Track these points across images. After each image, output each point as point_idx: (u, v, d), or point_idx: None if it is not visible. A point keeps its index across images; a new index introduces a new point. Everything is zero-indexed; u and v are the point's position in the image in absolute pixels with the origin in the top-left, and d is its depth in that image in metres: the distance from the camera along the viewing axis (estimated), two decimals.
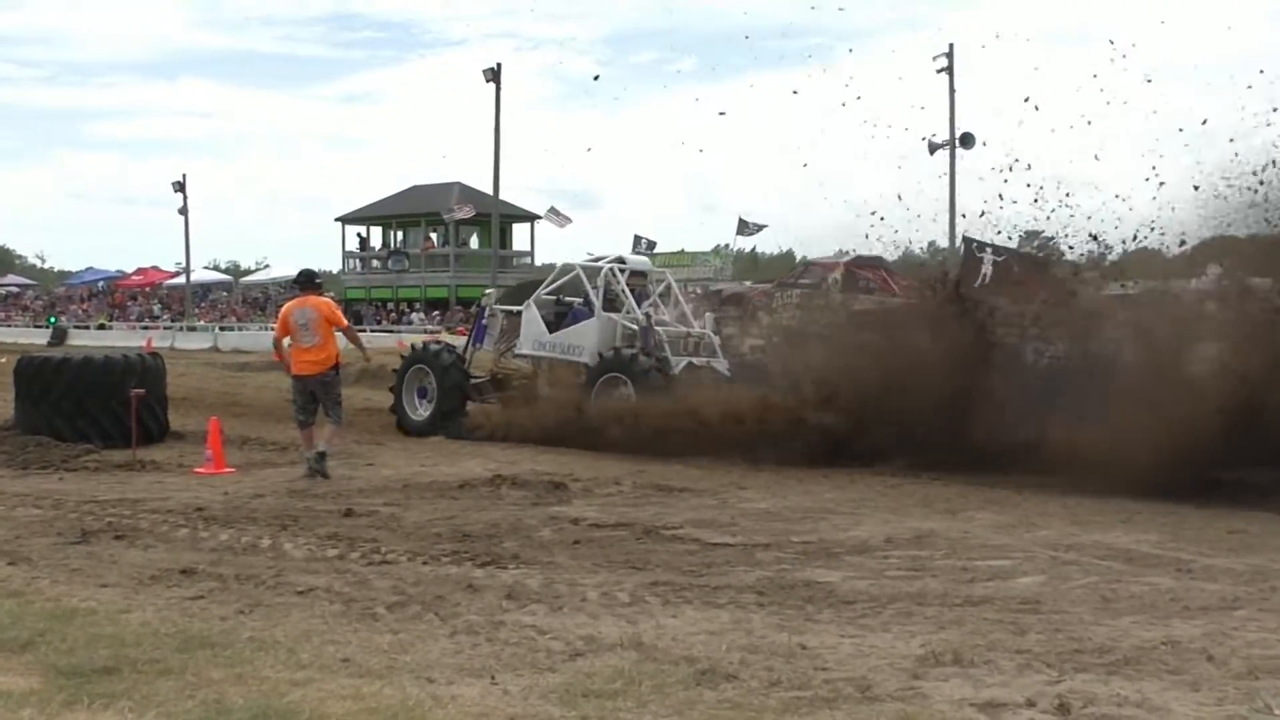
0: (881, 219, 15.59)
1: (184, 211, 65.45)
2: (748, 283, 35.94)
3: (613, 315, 17.42)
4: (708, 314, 20.34)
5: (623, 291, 17.75)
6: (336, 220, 68.15)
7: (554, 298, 18.62)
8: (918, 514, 10.73)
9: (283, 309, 13.57)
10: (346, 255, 67.26)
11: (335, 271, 68.93)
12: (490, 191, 53.23)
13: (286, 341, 13.10)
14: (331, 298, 16.96)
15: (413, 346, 19.45)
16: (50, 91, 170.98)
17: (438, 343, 19.64)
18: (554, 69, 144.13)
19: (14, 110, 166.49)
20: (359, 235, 67.26)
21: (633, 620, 6.72)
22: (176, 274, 72.41)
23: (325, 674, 5.62)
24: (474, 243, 64.44)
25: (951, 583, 7.79)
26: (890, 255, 15.21)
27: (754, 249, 63.07)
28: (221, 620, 6.62)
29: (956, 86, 46.34)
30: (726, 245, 51.98)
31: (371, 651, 6.01)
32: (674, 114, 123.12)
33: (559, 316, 18.27)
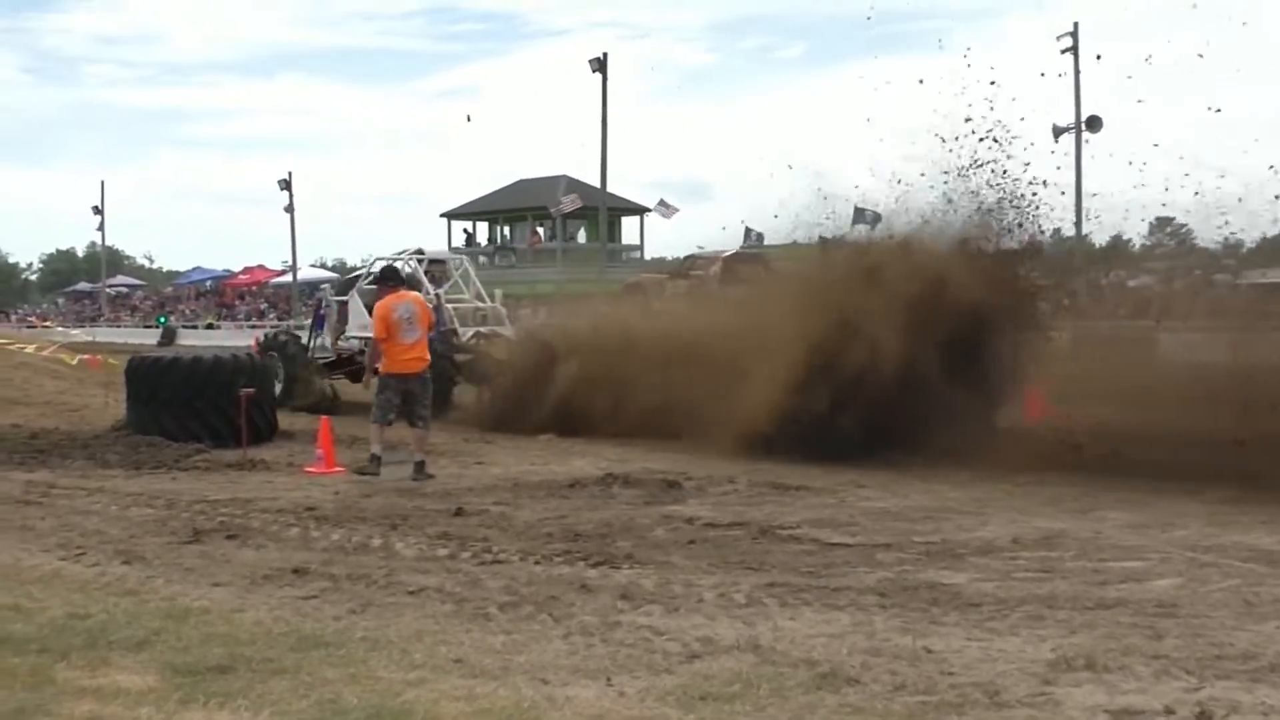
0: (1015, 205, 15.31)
1: (290, 209, 66.66)
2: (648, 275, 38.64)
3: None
4: (497, 290, 24.37)
5: (422, 277, 21.43)
6: (442, 216, 69.08)
7: (373, 287, 18.95)
8: (1045, 514, 10.56)
9: (380, 306, 13.20)
10: (453, 251, 68.09)
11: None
12: (598, 184, 53.43)
13: None
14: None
15: (264, 337, 23.47)
16: (151, 92, 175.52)
17: (285, 334, 24.06)
18: (661, 57, 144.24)
19: (117, 111, 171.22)
20: (465, 231, 68.06)
21: (750, 622, 6.72)
22: (283, 272, 73.78)
23: (438, 674, 5.70)
24: (582, 237, 64.83)
25: (1083, 585, 7.66)
26: (1012, 244, 14.95)
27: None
28: (334, 620, 6.74)
29: (1082, 68, 45.42)
30: (842, 236, 51.50)
31: (485, 652, 6.08)
32: (784, 102, 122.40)
33: None
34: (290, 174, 67.45)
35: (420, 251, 23.21)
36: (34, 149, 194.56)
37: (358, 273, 24.45)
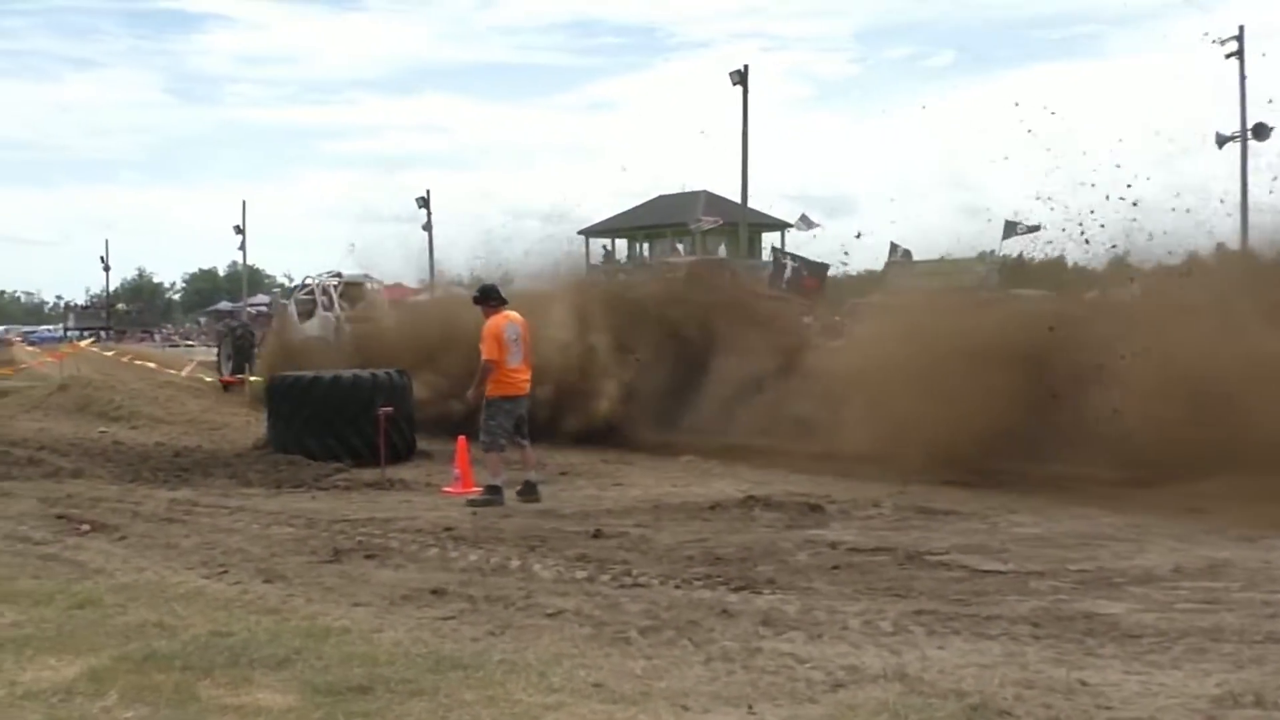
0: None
1: (428, 227, 67.69)
2: None
3: (330, 313, 26.15)
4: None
5: (335, 297, 26.37)
6: (580, 233, 69.47)
7: (309, 297, 27.11)
8: (1209, 541, 10.27)
9: (491, 326, 12.82)
10: (591, 269, 68.49)
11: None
12: (738, 199, 53.39)
13: None
14: None
15: (224, 326, 30.94)
16: (293, 111, 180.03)
17: (240, 326, 30.93)
18: (803, 68, 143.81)
19: (258, 130, 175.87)
20: (604, 248, 68.39)
21: (896, 650, 6.65)
22: (422, 290, 74.82)
23: (577, 699, 5.74)
24: (722, 253, 64.75)
25: (1251, 617, 7.43)
26: (1170, 259, 14.67)
27: (1021, 254, 61.39)
28: (472, 641, 6.83)
29: (1248, 72, 44.17)
30: (992, 251, 50.74)
31: (624, 677, 6.11)
32: (932, 112, 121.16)
33: (309, 312, 27.03)
34: (429, 191, 68.60)
35: (338, 274, 27.76)
36: (177, 169, 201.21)
37: (294, 285, 31.52)
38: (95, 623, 7.26)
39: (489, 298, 13.19)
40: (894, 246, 45.80)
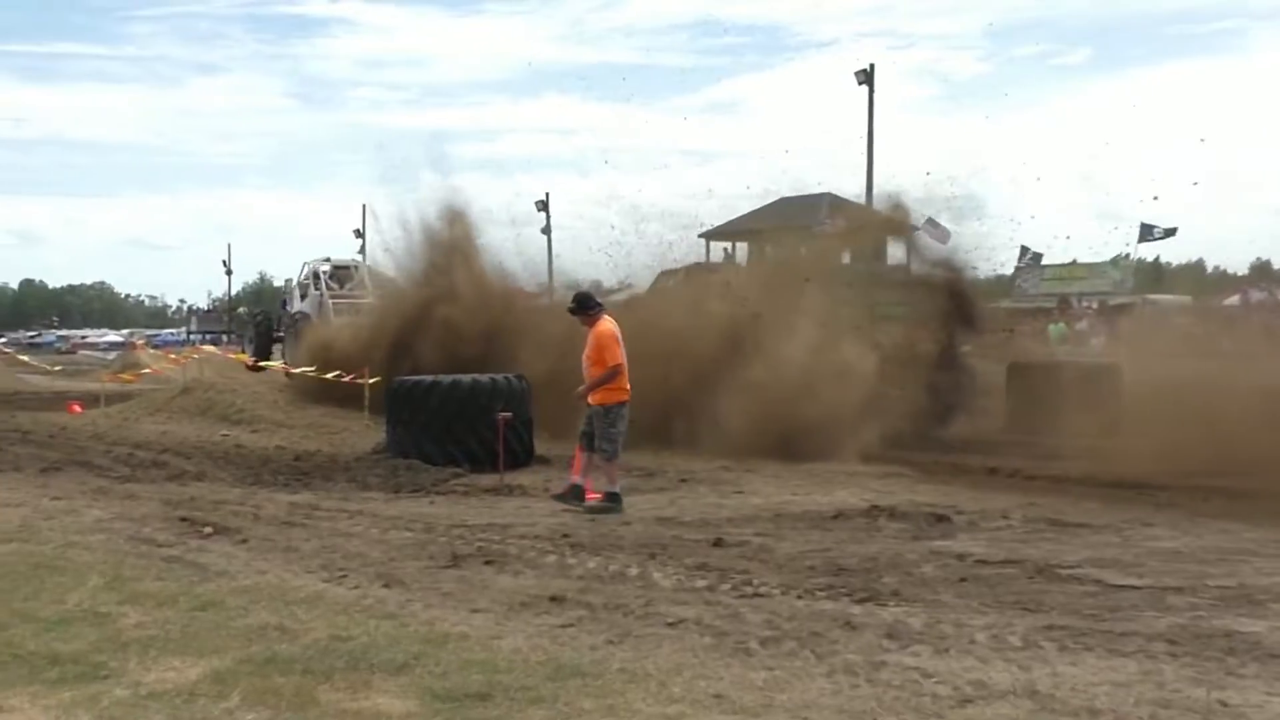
0: None
1: (547, 231, 68.11)
2: None
3: (317, 293, 31.36)
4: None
5: (326, 280, 31.75)
6: (700, 236, 69.38)
7: (307, 281, 32.43)
8: None
9: (610, 330, 12.84)
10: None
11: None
12: (863, 202, 53.00)
13: None
14: None
15: (247, 315, 34.51)
16: (415, 114, 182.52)
17: (260, 313, 35.58)
18: (931, 67, 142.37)
19: (382, 134, 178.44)
20: (725, 250, 68.27)
21: (1026, 666, 6.56)
22: (540, 294, 75.28)
23: (698, 709, 5.75)
24: (845, 257, 64.35)
25: None
26: None
27: (1158, 258, 60.14)
28: (591, 649, 6.87)
29: None
30: (1126, 255, 49.80)
31: (745, 688, 6.10)
32: (1064, 112, 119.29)
33: (304, 294, 32.62)
34: (548, 194, 69.01)
35: (328, 259, 33.48)
36: (298, 173, 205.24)
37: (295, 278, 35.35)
38: (218, 625, 7.43)
39: (590, 305, 13.16)
40: (1024, 250, 45.24)
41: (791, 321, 19.10)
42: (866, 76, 49.80)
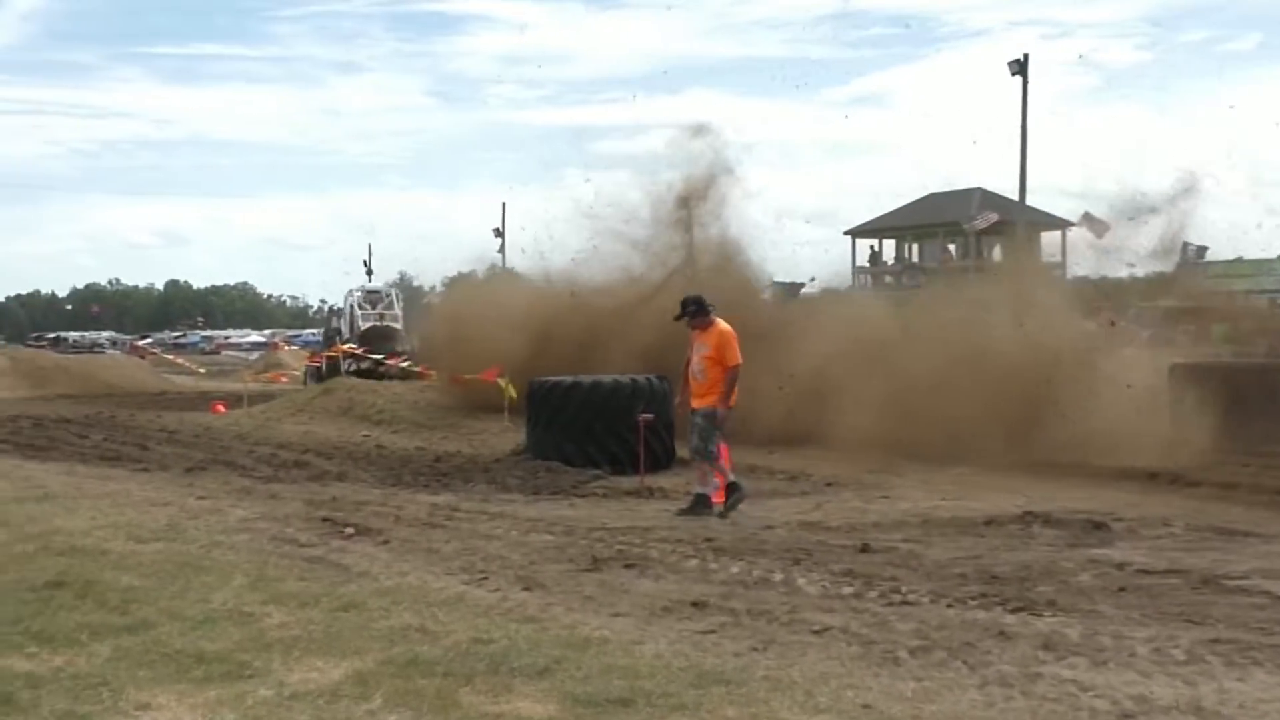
0: None
1: (688, 227, 68.05)
2: None
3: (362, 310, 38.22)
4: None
5: (359, 302, 38.82)
6: (845, 233, 69.04)
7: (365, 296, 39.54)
8: None
9: (732, 332, 12.93)
10: (857, 271, 67.93)
11: (844, 289, 69.63)
12: (1015, 197, 52.19)
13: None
14: None
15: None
16: (554, 111, 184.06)
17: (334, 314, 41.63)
18: (1088, 57, 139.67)
19: (520, 131, 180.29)
20: (871, 248, 67.79)
21: (1191, 681, 6.39)
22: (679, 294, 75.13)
23: None
24: (997, 254, 63.40)
25: None
26: None
27: None
28: (735, 656, 6.85)
29: None
30: None
31: (894, 699, 6.04)
32: (1234, 100, 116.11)
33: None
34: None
35: (364, 287, 41.02)
36: (438, 172, 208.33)
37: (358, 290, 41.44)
38: (360, 626, 7.56)
39: (704, 308, 13.04)
40: (1186, 245, 44.10)
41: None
42: (1020, 67, 49.02)
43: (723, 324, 12.92)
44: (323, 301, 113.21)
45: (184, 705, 6.05)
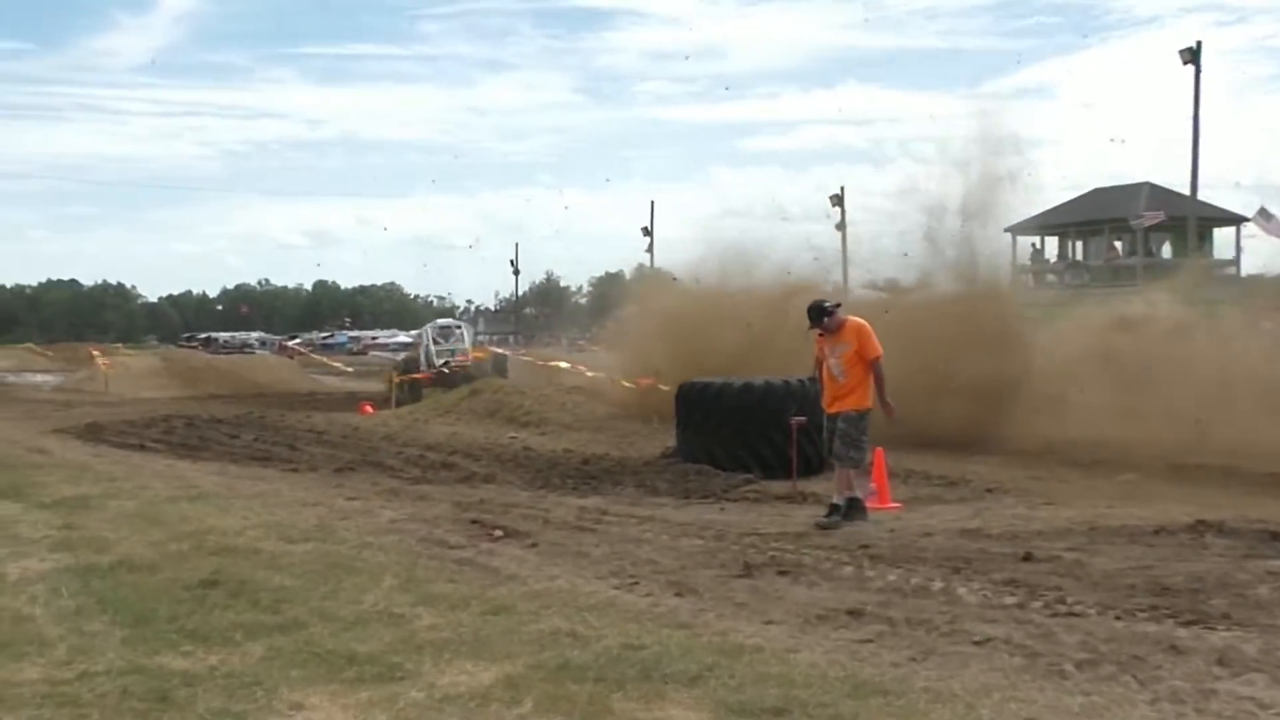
0: None
1: (841, 226, 67.64)
2: None
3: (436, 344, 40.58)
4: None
5: (434, 336, 41.40)
6: (1006, 230, 67.95)
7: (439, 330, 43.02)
8: None
9: (868, 324, 12.76)
10: (1018, 269, 66.84)
11: (1003, 287, 68.57)
12: (1186, 192, 50.98)
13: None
14: None
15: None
16: (706, 107, 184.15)
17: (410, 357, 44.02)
18: (1265, 44, 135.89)
19: (672, 128, 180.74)
20: (1032, 246, 66.64)
21: None
22: (834, 294, 74.73)
23: None
24: (1166, 251, 61.99)
25: None
26: None
27: None
28: (893, 667, 6.80)
29: None
30: None
31: (1060, 713, 5.95)
32: None
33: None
34: (842, 188, 68.62)
35: (437, 322, 45.43)
36: (587, 170, 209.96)
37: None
38: (509, 629, 7.66)
39: (830, 309, 12.82)
40: None
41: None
42: (1192, 55, 47.88)
43: (853, 318, 12.79)
44: (469, 301, 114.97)
45: (336, 706, 6.20)
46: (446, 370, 37.36)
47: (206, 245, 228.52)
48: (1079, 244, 64.95)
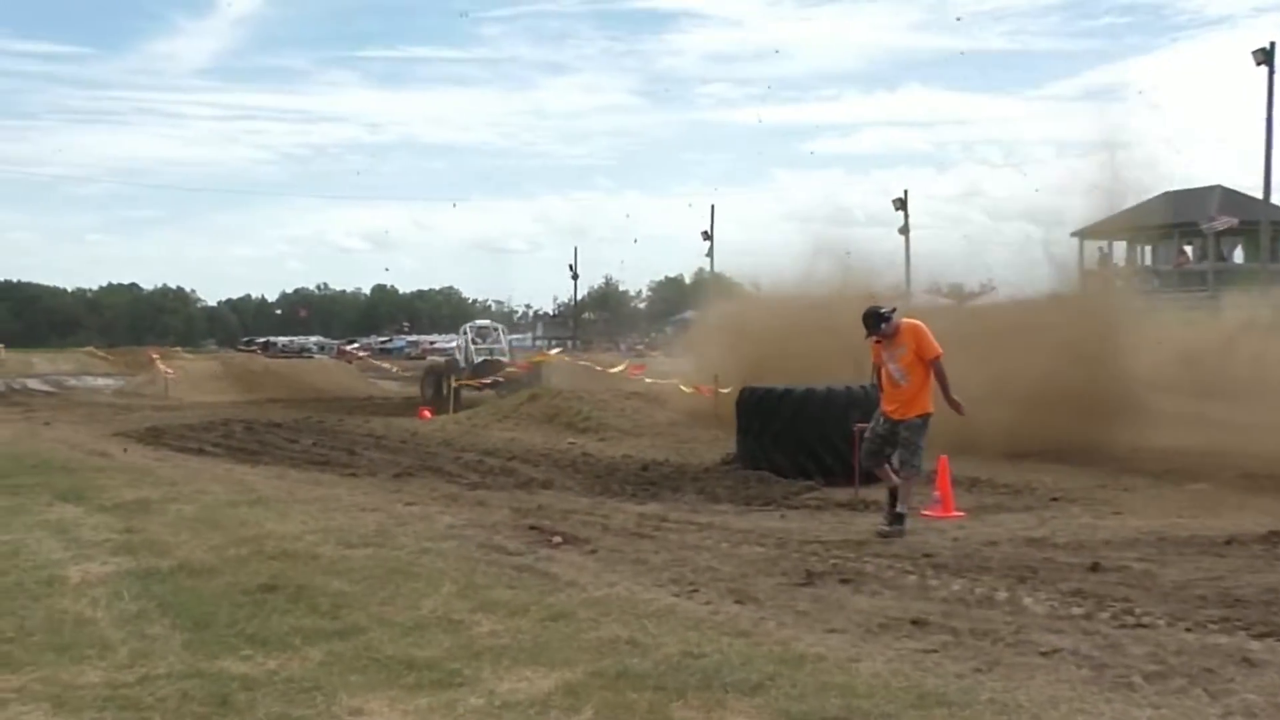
0: None
1: (904, 231, 67.37)
2: None
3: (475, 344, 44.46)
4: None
5: (473, 337, 45.22)
6: (1073, 235, 67.41)
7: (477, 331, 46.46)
8: None
9: (923, 325, 12.61)
10: (1084, 274, 66.24)
11: (1070, 292, 68.01)
12: (1259, 195, 50.39)
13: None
14: None
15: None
16: (767, 110, 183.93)
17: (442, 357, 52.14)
18: None
19: (732, 131, 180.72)
20: (1100, 250, 66.03)
21: None
22: (896, 299, 74.38)
23: None
24: (1238, 256, 61.29)
25: None
26: None
27: None
28: (957, 678, 6.76)
29: None
30: None
31: None
32: None
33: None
34: (906, 192, 68.35)
35: (473, 324, 48.06)
36: (647, 173, 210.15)
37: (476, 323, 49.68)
38: (569, 636, 7.67)
39: (888, 315, 12.62)
40: None
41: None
42: (1266, 56, 47.37)
43: (907, 320, 12.66)
44: (527, 306, 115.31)
45: (395, 712, 6.24)
46: (500, 379, 38.39)
47: (266, 249, 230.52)
48: (1148, 249, 64.28)
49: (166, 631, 7.96)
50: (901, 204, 67.47)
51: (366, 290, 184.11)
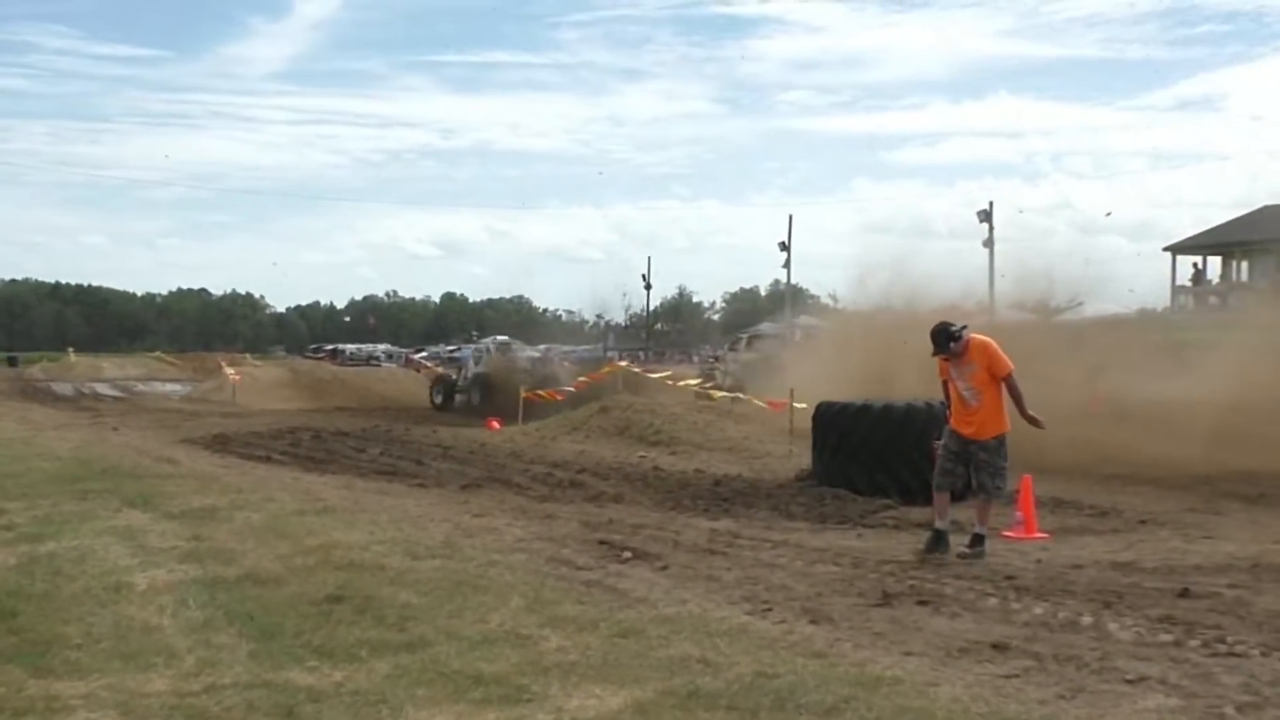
0: None
1: (989, 244, 66.90)
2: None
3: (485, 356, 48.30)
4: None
5: (492, 349, 49.32)
6: (1165, 249, 66.73)
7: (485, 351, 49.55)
8: None
9: (993, 342, 12.38)
10: (1177, 290, 65.52)
11: (1161, 309, 67.27)
12: None
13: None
14: None
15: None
16: (850, 118, 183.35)
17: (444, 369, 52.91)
18: None
19: (814, 139, 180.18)
20: (1194, 265, 65.35)
21: None
22: (978, 314, 73.96)
23: None
24: None
25: None
26: None
27: None
28: (1040, 704, 6.70)
29: None
30: None
31: None
32: None
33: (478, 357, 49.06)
34: (991, 204, 67.88)
35: (496, 339, 51.54)
36: (725, 182, 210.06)
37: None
38: (638, 654, 7.67)
39: (958, 335, 12.33)
40: None
41: None
42: None
43: (976, 336, 12.41)
44: (599, 316, 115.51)
45: None
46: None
47: (337, 256, 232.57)
48: (1244, 265, 63.47)
49: (233, 640, 8.04)
50: (986, 216, 66.99)
51: (436, 298, 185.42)
